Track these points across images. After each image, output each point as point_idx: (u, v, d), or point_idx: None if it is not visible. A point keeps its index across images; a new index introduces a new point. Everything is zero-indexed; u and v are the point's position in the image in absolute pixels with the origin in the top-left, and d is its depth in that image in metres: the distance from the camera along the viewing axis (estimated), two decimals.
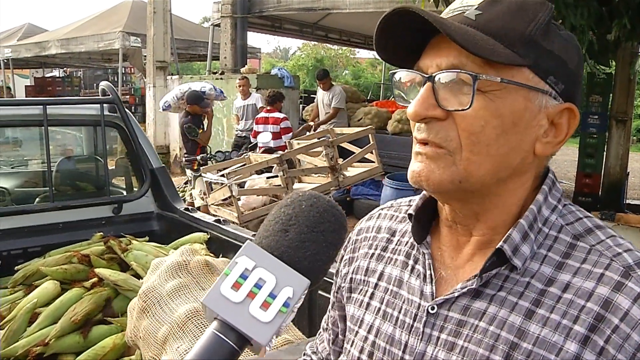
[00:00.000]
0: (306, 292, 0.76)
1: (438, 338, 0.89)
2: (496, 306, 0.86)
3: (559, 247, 0.87)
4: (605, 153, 9.46)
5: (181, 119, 7.75)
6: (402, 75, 0.92)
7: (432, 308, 0.91)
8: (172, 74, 13.69)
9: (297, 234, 0.78)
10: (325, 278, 2.08)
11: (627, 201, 9.60)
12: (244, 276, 0.74)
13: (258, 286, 0.74)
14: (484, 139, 0.83)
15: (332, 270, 2.27)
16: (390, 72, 0.95)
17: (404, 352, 0.93)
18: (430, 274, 0.95)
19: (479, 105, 0.82)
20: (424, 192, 0.98)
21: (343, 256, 1.14)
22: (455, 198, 0.90)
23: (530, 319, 0.83)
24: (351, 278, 1.09)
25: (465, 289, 0.89)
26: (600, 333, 0.78)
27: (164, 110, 8.53)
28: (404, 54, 0.91)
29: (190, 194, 7.31)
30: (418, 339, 0.91)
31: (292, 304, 0.74)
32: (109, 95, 3.48)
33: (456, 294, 0.89)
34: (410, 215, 1.00)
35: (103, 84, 3.60)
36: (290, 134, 8.12)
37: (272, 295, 0.73)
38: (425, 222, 1.00)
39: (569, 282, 0.83)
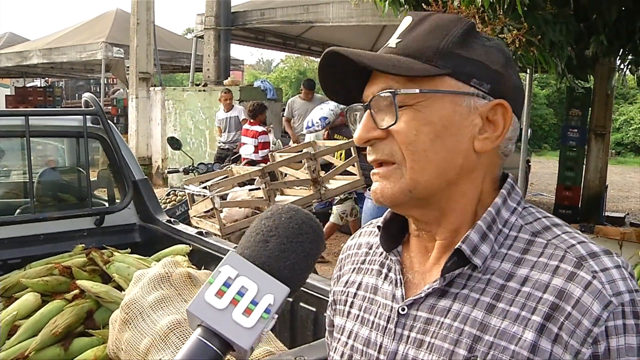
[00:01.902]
0: (286, 299, 0.80)
1: (408, 337, 0.95)
2: (460, 303, 0.92)
3: (519, 245, 0.93)
4: (584, 166, 9.60)
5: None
6: (353, 109, 1.02)
7: (403, 309, 0.97)
8: (154, 85, 13.67)
9: (277, 245, 0.82)
10: (306, 290, 2.11)
11: (606, 213, 9.75)
12: (227, 284, 0.78)
13: (240, 294, 0.77)
14: (420, 146, 0.91)
15: (314, 282, 2.27)
16: (345, 110, 1.05)
17: (379, 352, 0.98)
18: (400, 279, 1.01)
19: (408, 117, 0.91)
20: None
21: (334, 275, 1.21)
22: (413, 207, 0.97)
23: (492, 313, 0.88)
24: (334, 291, 1.16)
25: (431, 289, 0.95)
26: (554, 321, 0.83)
27: (323, 128, 7.82)
28: (355, 94, 1.00)
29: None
30: (391, 339, 0.97)
31: (273, 310, 0.77)
32: (91, 106, 3.48)
33: (423, 295, 0.95)
34: (378, 227, 1.07)
35: (86, 96, 3.60)
36: (267, 150, 8.09)
37: (254, 302, 0.77)
38: (395, 232, 1.06)
39: (527, 276, 0.89)
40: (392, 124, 0.91)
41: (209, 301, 0.76)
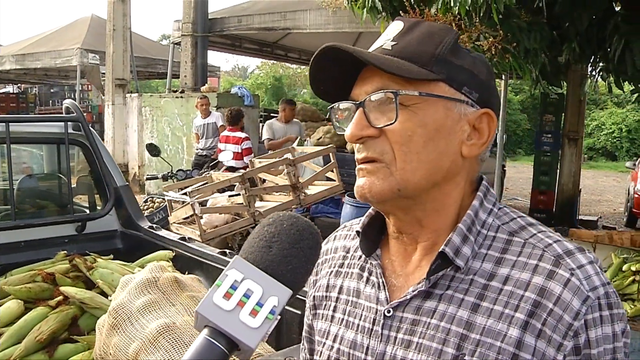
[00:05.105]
0: (288, 301, 0.83)
1: (395, 338, 0.98)
2: (445, 304, 0.95)
3: (497, 245, 0.97)
4: (558, 171, 9.75)
5: None
6: (339, 106, 1.03)
7: (388, 311, 0.99)
8: (131, 92, 13.61)
9: (279, 250, 0.85)
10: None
11: (580, 217, 9.92)
12: (234, 287, 0.81)
13: (247, 296, 0.80)
14: (413, 148, 0.94)
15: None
16: (328, 107, 1.07)
17: (366, 354, 1.01)
18: (383, 282, 1.03)
19: (404, 118, 0.94)
20: (370, 210, 1.09)
21: (310, 281, 1.21)
22: (397, 207, 0.99)
23: (476, 312, 0.92)
24: (314, 296, 1.17)
25: (416, 291, 0.97)
26: (537, 317, 0.88)
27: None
28: (339, 92, 1.02)
29: None
30: (378, 341, 1.00)
31: (278, 311, 0.80)
32: (72, 113, 3.48)
33: (408, 297, 0.98)
34: (357, 232, 1.10)
35: (67, 102, 3.60)
36: (252, 155, 8.11)
37: (260, 304, 0.80)
38: (374, 236, 1.09)
39: (508, 275, 0.93)
40: (391, 124, 0.94)
41: (217, 303, 0.79)
